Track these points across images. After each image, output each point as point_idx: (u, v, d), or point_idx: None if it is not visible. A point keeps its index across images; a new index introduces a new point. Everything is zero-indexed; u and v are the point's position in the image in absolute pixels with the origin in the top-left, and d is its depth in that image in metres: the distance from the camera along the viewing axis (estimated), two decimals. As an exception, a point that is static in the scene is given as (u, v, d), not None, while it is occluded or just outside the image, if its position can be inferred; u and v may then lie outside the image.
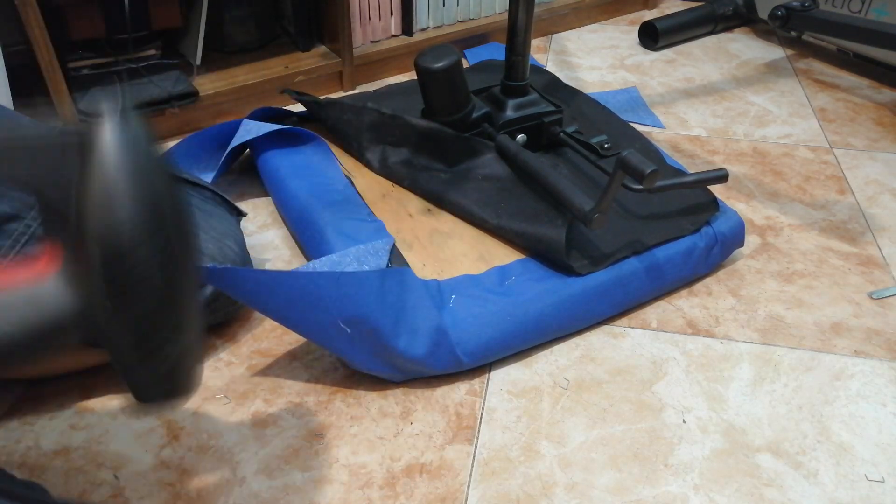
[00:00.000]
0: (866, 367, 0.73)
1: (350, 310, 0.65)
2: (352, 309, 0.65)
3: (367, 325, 0.65)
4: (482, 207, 0.80)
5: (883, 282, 0.84)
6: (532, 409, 0.69)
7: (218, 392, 0.69)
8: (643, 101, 1.20)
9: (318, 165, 0.89)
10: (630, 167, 0.68)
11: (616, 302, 0.77)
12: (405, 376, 0.70)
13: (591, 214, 0.72)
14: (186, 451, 0.64)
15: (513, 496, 0.61)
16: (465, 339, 0.69)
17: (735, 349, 0.75)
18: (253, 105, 1.10)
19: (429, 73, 0.84)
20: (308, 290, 0.64)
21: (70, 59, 1.03)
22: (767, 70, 1.31)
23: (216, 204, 0.74)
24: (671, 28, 1.37)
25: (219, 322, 0.76)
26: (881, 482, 0.63)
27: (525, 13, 0.85)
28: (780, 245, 0.89)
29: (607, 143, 0.92)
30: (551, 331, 0.74)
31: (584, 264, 0.75)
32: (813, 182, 1.01)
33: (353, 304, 0.65)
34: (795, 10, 1.19)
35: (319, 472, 0.62)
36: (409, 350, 0.66)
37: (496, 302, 0.71)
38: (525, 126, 0.91)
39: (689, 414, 0.68)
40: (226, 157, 0.92)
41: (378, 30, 1.23)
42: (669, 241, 0.79)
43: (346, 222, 0.80)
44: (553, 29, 1.44)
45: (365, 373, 0.70)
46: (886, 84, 1.26)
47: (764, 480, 0.63)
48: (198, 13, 1.06)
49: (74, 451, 0.64)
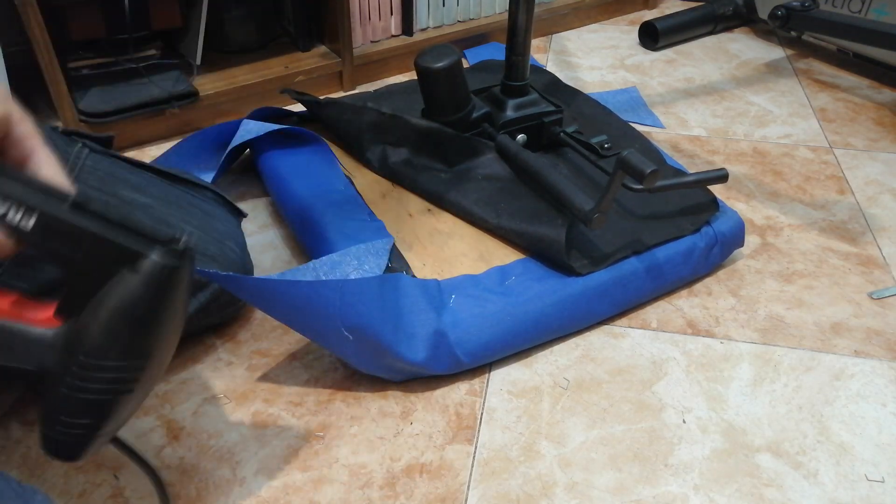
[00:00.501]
0: (866, 367, 0.73)
1: (353, 318, 0.65)
2: (354, 317, 0.65)
3: (369, 331, 0.65)
4: (482, 207, 0.80)
5: (883, 282, 0.84)
6: (532, 409, 0.69)
7: (218, 392, 0.69)
8: (643, 101, 1.20)
9: (318, 165, 0.89)
10: (630, 167, 0.68)
11: (616, 302, 0.77)
12: (406, 377, 0.70)
13: (592, 214, 0.72)
14: (186, 451, 0.64)
15: (513, 496, 0.61)
16: (465, 339, 0.69)
17: (735, 349, 0.75)
18: (253, 105, 1.10)
19: (429, 73, 0.84)
20: (311, 299, 0.63)
21: (70, 59, 1.03)
22: (767, 70, 1.31)
23: (217, 205, 0.74)
24: (671, 28, 1.37)
25: (218, 323, 0.76)
26: (881, 482, 0.63)
27: (525, 13, 0.85)
28: (780, 245, 0.89)
29: (607, 143, 0.92)
30: (551, 331, 0.74)
31: (585, 264, 0.75)
32: (813, 182, 1.01)
33: (356, 313, 0.65)
34: (795, 10, 1.19)
35: (319, 472, 0.62)
36: (410, 355, 0.66)
37: (496, 302, 0.71)
38: (525, 126, 0.91)
39: (689, 414, 0.68)
40: (226, 157, 0.92)
41: (378, 30, 1.23)
42: (669, 241, 0.79)
43: (346, 222, 0.80)
44: (553, 29, 1.44)
45: (365, 373, 0.70)
46: (886, 84, 1.26)
47: (764, 480, 0.63)
48: (198, 13, 1.06)
49: (74, 451, 0.64)
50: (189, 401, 0.68)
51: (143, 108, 1.02)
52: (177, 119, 1.06)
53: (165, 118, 1.05)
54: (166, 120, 1.05)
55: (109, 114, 1.00)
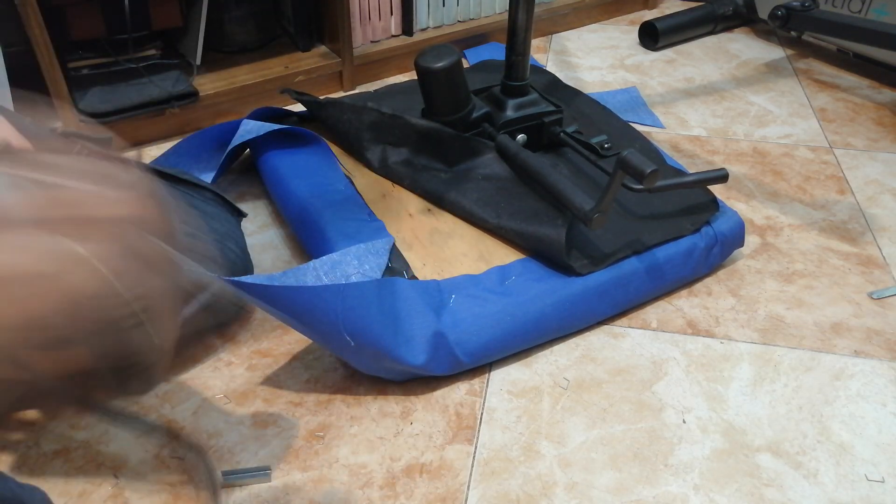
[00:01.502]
0: (866, 367, 0.73)
1: (353, 322, 0.65)
2: (355, 321, 0.65)
3: (368, 336, 0.65)
4: (482, 207, 0.80)
5: (883, 282, 0.84)
6: (532, 409, 0.68)
7: (218, 392, 0.69)
8: (643, 101, 1.20)
9: (318, 165, 0.89)
10: (630, 167, 0.68)
11: (616, 302, 0.77)
12: (406, 377, 0.70)
13: (592, 214, 0.72)
14: (186, 451, 0.64)
15: (513, 496, 0.61)
16: (465, 339, 0.69)
17: (735, 349, 0.75)
18: (253, 105, 1.10)
19: (429, 72, 0.84)
20: (314, 304, 0.63)
21: (70, 59, 1.03)
22: (767, 70, 1.31)
23: (217, 205, 0.74)
24: (671, 28, 1.37)
25: (217, 325, 0.76)
26: (881, 482, 0.63)
27: (525, 13, 0.85)
28: (780, 245, 0.89)
29: (607, 143, 0.92)
30: (551, 331, 0.74)
31: (585, 264, 0.75)
32: (813, 182, 1.01)
33: (357, 317, 0.65)
34: (795, 10, 1.19)
35: (319, 472, 0.62)
36: (410, 358, 0.66)
37: (496, 302, 0.71)
38: (525, 126, 0.91)
39: (689, 414, 0.68)
40: (225, 157, 0.92)
41: (378, 30, 1.23)
42: (669, 241, 0.79)
43: (346, 222, 0.80)
44: (553, 29, 1.44)
45: (366, 373, 0.70)
46: (886, 84, 1.26)
47: (764, 480, 0.63)
48: (198, 13, 1.06)
49: (74, 451, 0.64)
50: (189, 401, 0.68)
51: (143, 108, 1.02)
52: (177, 119, 1.06)
53: (165, 118, 1.05)
54: (166, 120, 1.05)
55: (109, 114, 1.00)
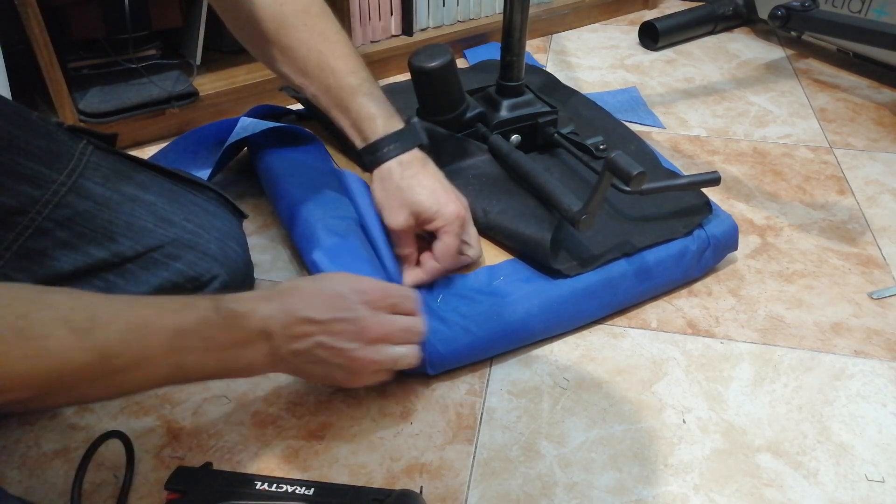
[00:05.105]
0: (866, 367, 0.73)
1: None
2: None
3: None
4: (472, 207, 0.80)
5: (883, 282, 0.84)
6: (532, 409, 0.69)
7: (218, 392, 0.69)
8: (643, 101, 1.20)
9: (313, 164, 0.89)
10: (618, 169, 0.68)
11: (605, 303, 0.76)
12: (394, 375, 0.70)
13: (579, 216, 0.72)
14: (186, 452, 0.64)
15: (513, 496, 0.61)
16: (452, 338, 0.68)
17: (735, 349, 0.75)
18: (253, 105, 1.10)
19: (422, 72, 0.83)
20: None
21: (70, 59, 1.03)
22: (767, 70, 1.31)
23: (219, 205, 0.74)
24: (671, 28, 1.37)
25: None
26: (881, 482, 0.63)
27: (520, 13, 0.85)
28: (780, 245, 0.89)
29: (602, 145, 0.92)
30: (539, 331, 0.74)
31: (573, 265, 0.75)
32: (813, 182, 1.01)
33: None
34: (795, 10, 1.19)
35: (319, 472, 0.62)
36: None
37: (484, 302, 0.71)
38: (519, 126, 0.90)
39: (689, 414, 0.68)
40: (222, 154, 0.91)
41: (378, 30, 1.23)
42: (660, 243, 0.78)
43: (335, 220, 0.79)
44: (553, 29, 1.44)
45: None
46: (886, 84, 1.26)
47: (764, 480, 0.63)
48: (198, 13, 1.06)
49: (74, 451, 0.64)
50: (189, 401, 0.68)
51: (143, 108, 1.02)
52: (177, 119, 1.06)
53: (165, 118, 1.05)
54: (166, 120, 1.05)
55: (109, 114, 1.00)
